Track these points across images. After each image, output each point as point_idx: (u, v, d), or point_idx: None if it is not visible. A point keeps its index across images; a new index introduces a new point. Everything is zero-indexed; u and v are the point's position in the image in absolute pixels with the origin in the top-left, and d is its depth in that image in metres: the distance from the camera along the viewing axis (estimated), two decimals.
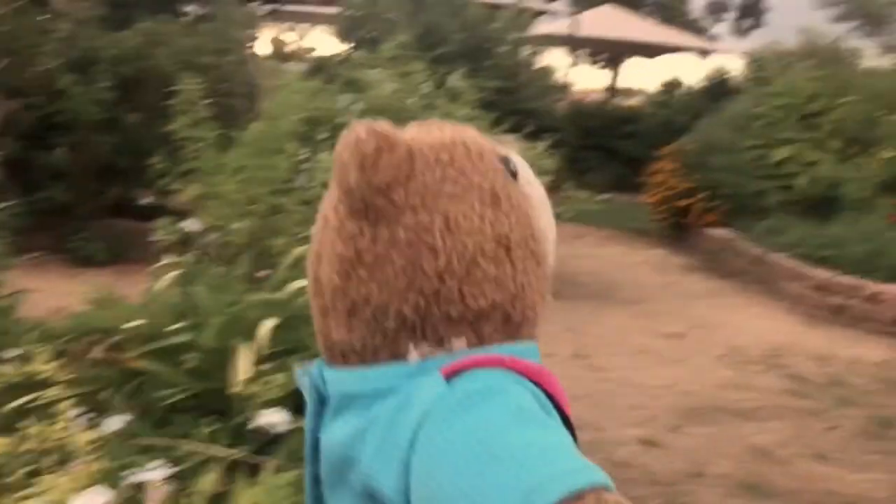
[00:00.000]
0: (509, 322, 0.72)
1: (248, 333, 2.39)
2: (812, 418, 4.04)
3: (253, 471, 2.15)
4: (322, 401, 0.74)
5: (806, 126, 7.79)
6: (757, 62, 9.52)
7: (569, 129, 11.95)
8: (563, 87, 14.94)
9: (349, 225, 0.69)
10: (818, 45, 8.49)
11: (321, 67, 8.48)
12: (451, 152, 0.72)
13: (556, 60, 14.67)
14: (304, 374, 0.76)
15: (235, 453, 2.17)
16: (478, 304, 0.69)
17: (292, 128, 3.49)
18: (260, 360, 2.29)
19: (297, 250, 2.96)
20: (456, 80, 7.11)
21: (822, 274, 6.18)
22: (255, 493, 1.96)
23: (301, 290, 2.64)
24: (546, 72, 13.33)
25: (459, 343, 0.69)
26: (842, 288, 6.00)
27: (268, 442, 2.24)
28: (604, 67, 18.39)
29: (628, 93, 19.33)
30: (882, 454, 3.65)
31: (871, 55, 8.96)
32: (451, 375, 0.65)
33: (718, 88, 12.74)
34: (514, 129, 7.91)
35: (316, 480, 0.77)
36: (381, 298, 0.68)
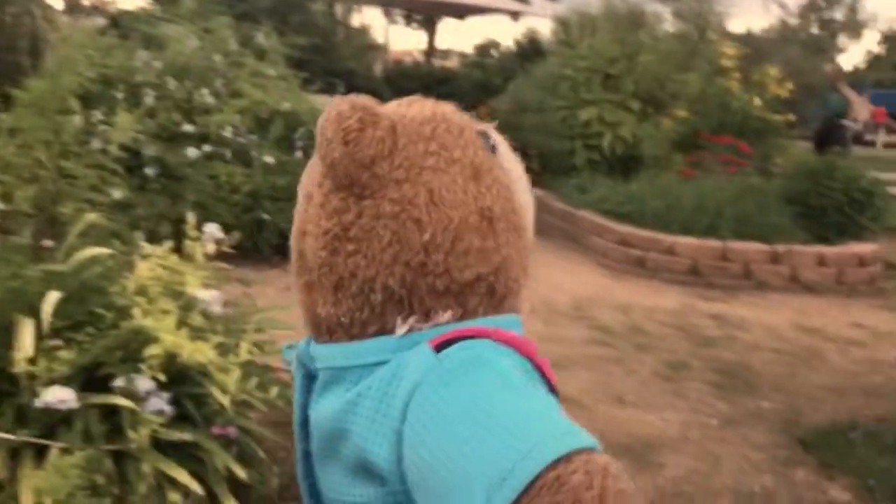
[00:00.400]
0: (493, 294, 0.74)
1: (31, 308, 2.21)
2: (614, 365, 4.29)
3: (40, 453, 2.01)
4: (310, 377, 0.76)
5: (609, 87, 8.17)
6: (564, 25, 9.85)
7: (385, 90, 11.93)
8: (380, 48, 14.88)
9: (334, 200, 0.70)
10: (618, 11, 8.89)
11: (117, 22, 7.95)
12: (433, 126, 0.73)
13: (372, 20, 14.56)
14: (291, 351, 0.77)
15: (20, 436, 2.01)
16: (463, 277, 0.71)
17: (77, 85, 3.24)
18: (44, 336, 2.12)
19: (88, 217, 2.77)
20: (263, 37, 6.87)
21: (624, 228, 6.54)
22: (41, 477, 1.83)
23: (91, 260, 2.48)
24: (362, 31, 13.21)
25: (446, 315, 0.71)
26: (642, 241, 6.38)
27: (56, 422, 2.09)
28: (419, 28, 18.46)
29: (446, 54, 19.53)
30: (673, 395, 3.93)
31: (668, 20, 9.49)
32: (439, 347, 0.67)
33: (530, 50, 13.14)
34: (327, 89, 7.80)
35: (306, 456, 0.78)
36: (367, 272, 0.70)
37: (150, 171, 5.12)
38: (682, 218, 6.40)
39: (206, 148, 5.51)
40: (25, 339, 2.08)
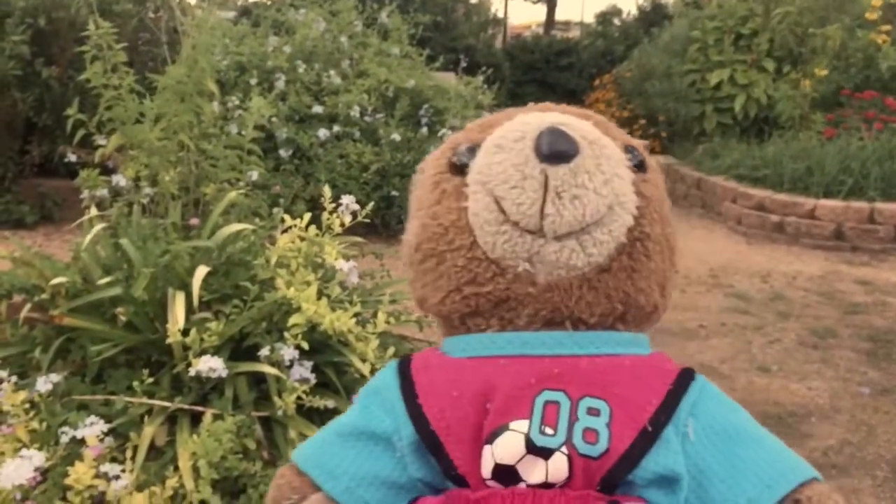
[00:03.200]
0: None
1: (181, 283, 2.33)
2: (754, 333, 4.13)
3: (196, 420, 2.11)
4: None
5: (740, 47, 7.82)
6: None
7: (506, 64, 11.85)
8: (500, 22, 14.79)
9: None
10: None
11: (248, 11, 8.22)
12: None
13: None
14: None
15: (176, 404, 2.12)
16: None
17: (214, 71, 3.36)
18: (195, 309, 2.23)
19: (230, 196, 2.88)
20: (387, 16, 6.94)
21: (760, 193, 6.27)
22: (197, 441, 1.92)
23: (234, 235, 2.58)
24: (481, 7, 13.16)
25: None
26: (780, 206, 6.10)
27: (209, 390, 2.20)
28: (538, 1, 18.21)
29: (566, 25, 19.21)
30: (820, 363, 3.74)
31: None
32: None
33: (654, 15, 12.73)
34: (449, 66, 7.82)
35: None
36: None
37: (283, 152, 5.29)
38: (824, 180, 6.07)
39: (336, 128, 5.64)
40: (178, 312, 2.19)
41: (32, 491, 1.84)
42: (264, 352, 2.17)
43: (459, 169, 0.79)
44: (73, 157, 3.87)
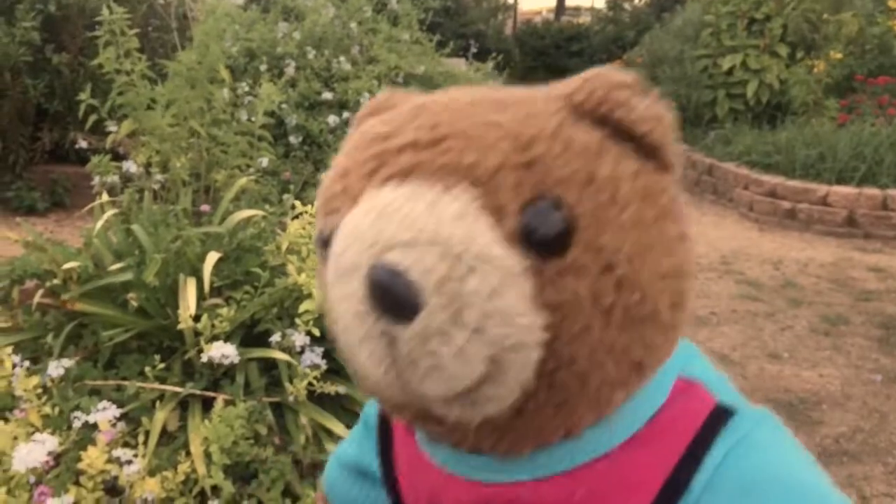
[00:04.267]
0: None
1: (192, 269, 2.33)
2: (765, 320, 4.11)
3: (207, 405, 2.12)
4: None
5: (754, 32, 7.76)
6: None
7: (516, 50, 11.81)
8: (510, 8, 14.71)
9: None
10: None
11: None
12: None
13: None
14: None
15: (187, 389, 2.13)
16: None
17: (225, 57, 3.36)
18: (206, 295, 2.23)
19: (240, 182, 2.88)
20: (396, 2, 6.92)
21: (772, 179, 6.23)
22: (208, 427, 1.93)
23: (244, 222, 2.58)
24: None
25: None
26: (792, 192, 6.06)
27: (220, 376, 2.20)
28: None
29: (577, 11, 19.11)
30: (832, 350, 3.73)
31: None
32: None
33: (666, 0, 12.64)
34: (459, 52, 7.79)
35: None
36: None
37: (293, 138, 5.29)
38: (837, 166, 6.03)
39: (346, 114, 5.63)
40: (189, 298, 2.19)
41: (46, 475, 1.85)
42: (275, 338, 2.18)
43: (326, 246, 0.53)
44: (83, 144, 3.88)
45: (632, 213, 0.51)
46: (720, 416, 0.56)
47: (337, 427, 2.17)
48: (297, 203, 2.38)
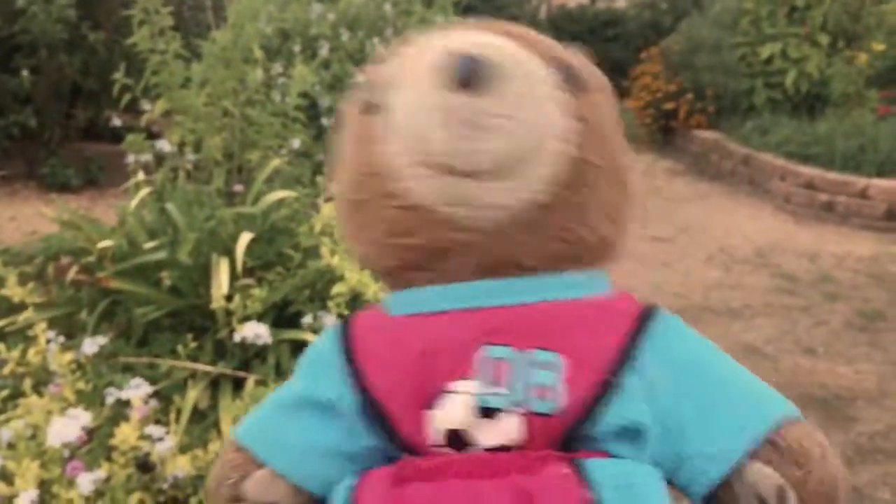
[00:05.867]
0: None
1: (225, 248, 2.33)
2: (801, 314, 4.05)
3: (237, 385, 2.13)
4: None
5: (794, 21, 7.61)
6: None
7: (551, 35, 11.69)
8: None
9: None
10: None
11: None
12: None
13: None
14: None
15: (219, 368, 2.14)
16: None
17: (259, 37, 3.35)
18: (238, 275, 2.23)
19: (273, 163, 2.87)
20: None
21: (810, 171, 6.13)
22: (239, 407, 1.93)
23: (278, 203, 2.58)
24: None
25: None
26: (830, 184, 5.95)
27: (251, 356, 2.20)
28: None
29: None
30: (869, 346, 3.66)
31: None
32: None
33: None
34: None
35: None
36: None
37: (325, 120, 5.28)
38: (878, 159, 5.90)
39: None
40: (222, 278, 2.19)
41: (79, 450, 1.86)
42: (307, 319, 2.17)
43: (374, 109, 0.71)
44: (117, 122, 3.90)
45: (610, 99, 0.76)
46: (651, 309, 0.73)
47: None
48: (332, 186, 2.36)
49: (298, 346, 2.24)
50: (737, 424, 0.68)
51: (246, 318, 2.13)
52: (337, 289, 2.11)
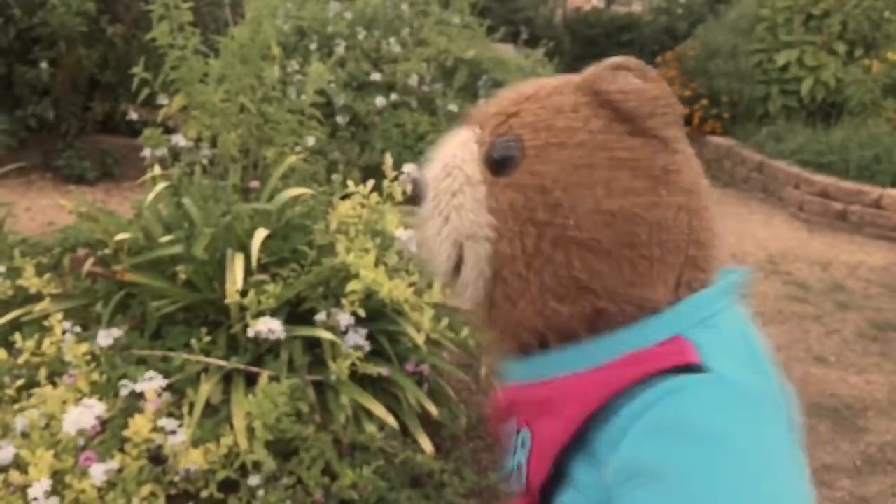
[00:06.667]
0: None
1: (240, 244, 2.34)
2: (812, 323, 4.03)
3: (250, 380, 2.13)
4: None
5: (811, 28, 7.58)
6: None
7: (566, 38, 11.68)
8: None
9: None
10: None
11: None
12: None
13: None
14: None
15: (232, 363, 2.15)
16: None
17: (278, 31, 3.35)
18: (253, 271, 2.24)
19: (289, 160, 2.88)
20: None
21: (825, 179, 6.10)
22: (251, 402, 1.94)
23: (293, 200, 2.59)
24: None
25: None
26: (844, 193, 5.93)
27: (264, 352, 2.21)
28: None
29: (628, 0, 18.82)
30: (880, 356, 3.65)
31: None
32: None
33: None
34: (509, 37, 7.73)
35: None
36: None
37: (340, 119, 5.29)
38: (892, 169, 5.87)
39: (394, 97, 5.62)
40: (237, 273, 2.21)
41: (92, 440, 1.88)
42: (321, 317, 2.18)
43: None
44: (135, 116, 3.91)
45: (580, 156, 0.66)
46: (681, 370, 0.61)
47: (377, 408, 2.17)
48: (351, 183, 2.37)
49: (311, 343, 2.25)
50: None
51: (260, 314, 2.14)
52: (351, 286, 2.12)
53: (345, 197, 2.46)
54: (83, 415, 1.77)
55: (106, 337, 2.11)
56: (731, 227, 5.72)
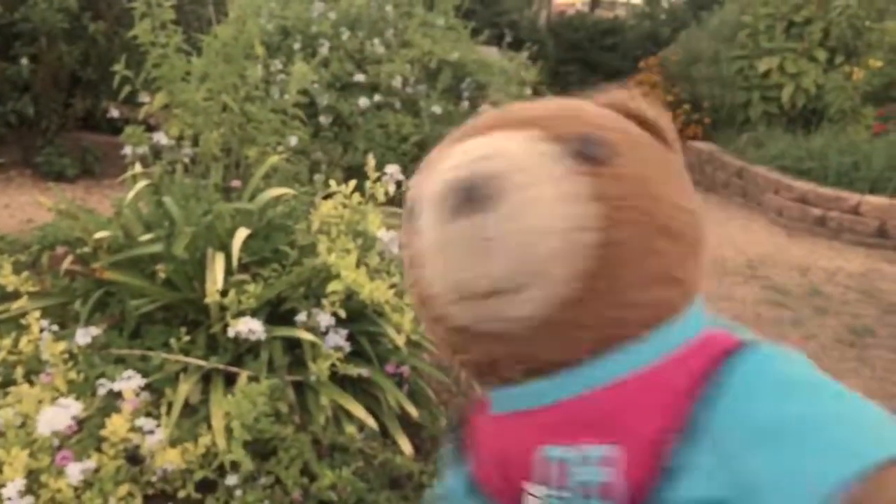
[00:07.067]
0: None
1: (221, 243, 2.33)
2: (790, 328, 4.07)
3: (229, 380, 2.13)
4: None
5: (792, 35, 7.66)
6: None
7: (550, 42, 11.72)
8: None
9: None
10: None
11: None
12: None
13: None
14: None
15: (212, 363, 2.14)
16: None
17: (261, 31, 3.35)
18: (234, 271, 2.23)
19: (271, 160, 2.87)
20: None
21: (804, 185, 6.16)
22: (230, 402, 1.93)
23: (275, 199, 2.58)
24: None
25: None
26: (823, 199, 5.99)
27: (243, 352, 2.20)
28: None
29: (612, 4, 18.93)
30: (857, 362, 3.68)
31: None
32: None
33: None
34: (493, 40, 7.75)
35: None
36: None
37: (323, 119, 5.28)
38: (871, 176, 5.94)
39: (377, 97, 5.61)
40: (217, 272, 2.19)
41: (69, 439, 1.86)
42: (301, 317, 2.18)
43: (416, 223, 0.71)
44: (115, 113, 3.89)
45: (655, 154, 0.72)
46: (723, 361, 0.66)
47: (357, 409, 2.17)
48: (333, 183, 2.37)
49: (291, 343, 2.24)
50: (818, 474, 0.59)
51: (240, 314, 2.13)
52: (332, 287, 2.12)
53: (327, 197, 2.45)
54: (58, 415, 1.76)
55: (84, 335, 2.10)
56: (711, 232, 5.71)
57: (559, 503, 0.67)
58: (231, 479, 1.95)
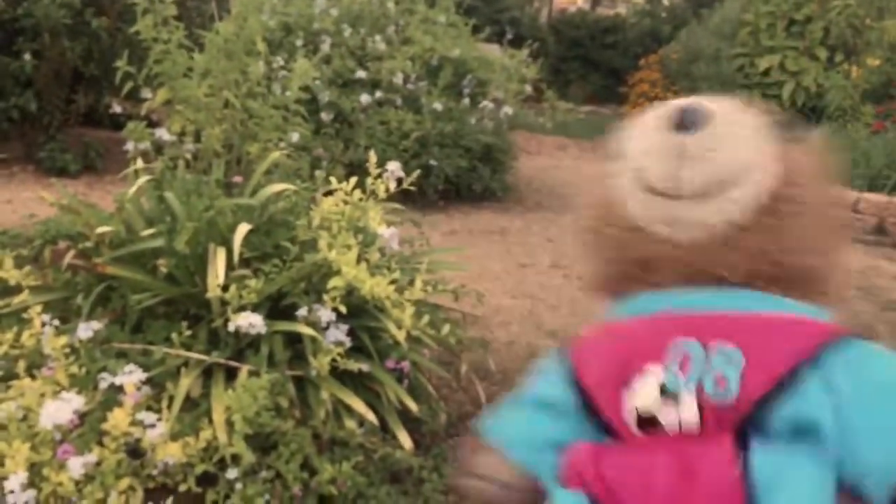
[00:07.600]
0: None
1: (223, 239, 2.35)
2: None
3: (230, 374, 2.14)
4: None
5: (793, 34, 7.66)
6: None
7: (551, 39, 11.72)
8: None
9: None
10: None
11: None
12: None
13: None
14: None
15: (213, 357, 2.15)
16: None
17: (264, 27, 3.36)
18: (235, 266, 2.25)
19: (273, 156, 2.89)
20: None
21: None
22: (231, 396, 1.95)
23: (276, 195, 2.59)
24: None
25: None
26: None
27: (244, 347, 2.22)
28: None
29: (613, 2, 18.91)
30: None
31: None
32: None
33: None
34: (494, 37, 7.75)
35: None
36: None
37: (325, 115, 5.30)
38: (869, 173, 5.95)
39: (378, 94, 5.62)
40: (218, 267, 2.21)
41: (70, 433, 1.88)
42: (302, 312, 2.19)
43: (615, 154, 0.88)
44: (118, 109, 3.90)
45: (820, 153, 0.88)
46: (849, 332, 0.80)
47: (357, 404, 2.18)
48: (333, 180, 2.38)
49: (292, 338, 2.26)
50: None
51: (241, 309, 2.15)
52: (333, 283, 2.13)
53: (328, 193, 2.47)
54: (60, 409, 1.77)
55: (86, 330, 2.11)
56: None
57: (672, 383, 0.76)
58: (232, 473, 1.96)
